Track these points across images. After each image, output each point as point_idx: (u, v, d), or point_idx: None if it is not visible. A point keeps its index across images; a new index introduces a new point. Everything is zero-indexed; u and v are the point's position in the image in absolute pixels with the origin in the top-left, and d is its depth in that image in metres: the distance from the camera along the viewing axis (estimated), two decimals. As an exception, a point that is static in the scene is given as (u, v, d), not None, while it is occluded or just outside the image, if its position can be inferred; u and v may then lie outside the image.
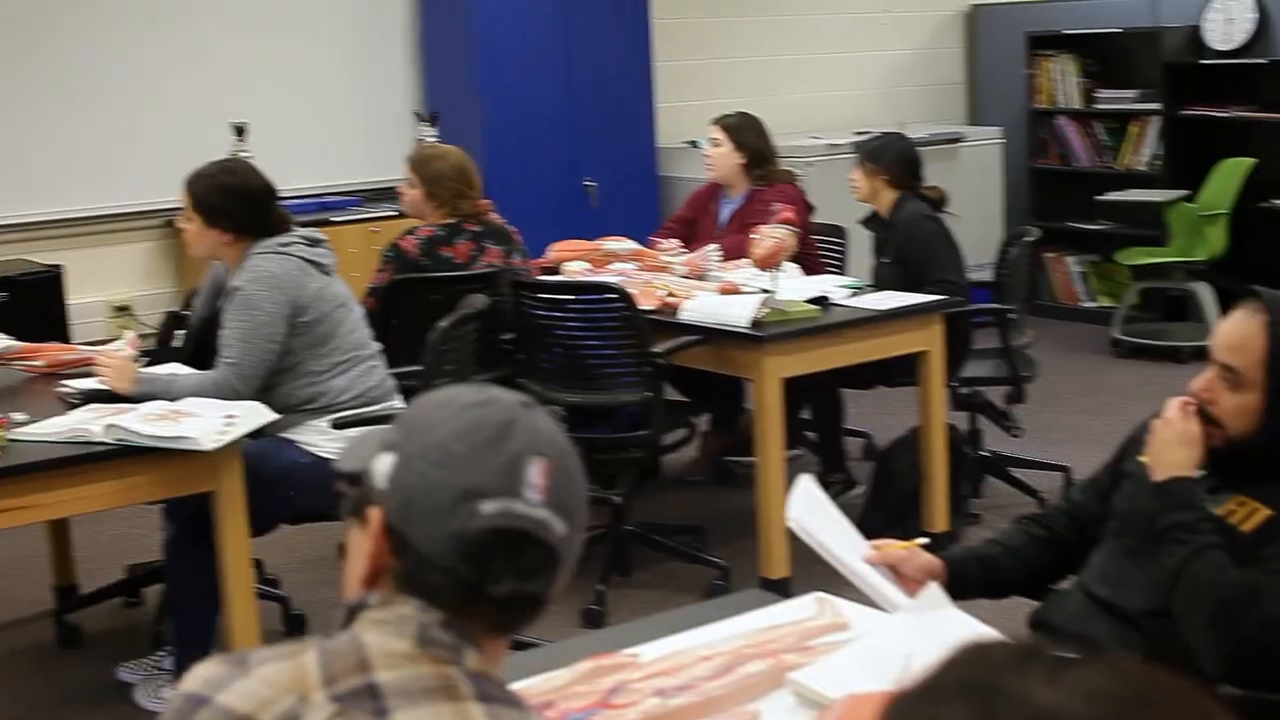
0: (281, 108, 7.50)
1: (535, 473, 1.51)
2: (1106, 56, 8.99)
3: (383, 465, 1.53)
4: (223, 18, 7.41)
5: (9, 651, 4.83)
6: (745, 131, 5.90)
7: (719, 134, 5.90)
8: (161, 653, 4.51)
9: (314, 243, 4.32)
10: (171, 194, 7.01)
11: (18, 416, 3.90)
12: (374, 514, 1.53)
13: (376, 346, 4.43)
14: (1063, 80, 9.01)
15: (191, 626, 4.20)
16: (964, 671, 1.08)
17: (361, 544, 1.55)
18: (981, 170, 8.80)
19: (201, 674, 1.51)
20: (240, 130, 6.97)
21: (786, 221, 5.00)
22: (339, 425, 4.21)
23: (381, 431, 1.58)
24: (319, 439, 4.24)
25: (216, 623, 4.16)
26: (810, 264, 5.69)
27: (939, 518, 5.26)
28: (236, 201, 4.26)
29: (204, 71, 7.35)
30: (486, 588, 1.50)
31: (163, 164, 7.07)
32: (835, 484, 5.61)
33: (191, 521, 4.08)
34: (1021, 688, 1.04)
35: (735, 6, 8.86)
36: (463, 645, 1.51)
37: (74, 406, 4.05)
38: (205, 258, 4.48)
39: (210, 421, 3.80)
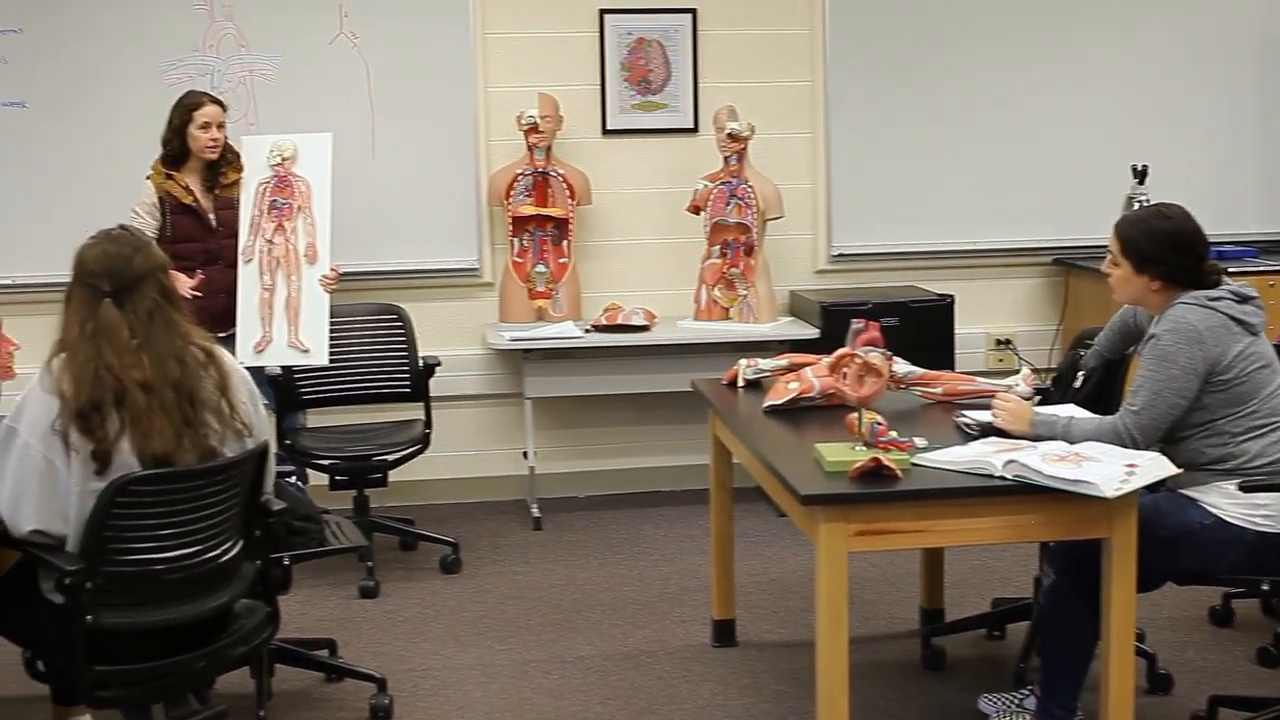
0: (1181, 152, 7.35)
1: None
2: None
3: None
4: (1126, 61, 7.36)
5: (874, 663, 4.99)
6: None
7: None
8: (1024, 691, 4.51)
9: (1243, 299, 4.15)
10: (1063, 233, 7.18)
11: (919, 441, 4.02)
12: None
13: (1309, 413, 4.19)
14: None
15: (1060, 673, 4.15)
16: None
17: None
18: None
19: None
20: (1140, 173, 6.87)
21: None
22: (1246, 489, 4.03)
23: None
24: (1224, 501, 4.06)
25: (1085, 671, 4.11)
26: None
27: None
28: (1168, 248, 4.16)
29: (1105, 114, 7.33)
30: None
31: (1057, 202, 7.18)
32: None
33: (1073, 568, 4.04)
34: None
35: None
36: None
37: (972, 437, 4.13)
38: (1129, 303, 4.41)
39: (1111, 468, 3.74)
